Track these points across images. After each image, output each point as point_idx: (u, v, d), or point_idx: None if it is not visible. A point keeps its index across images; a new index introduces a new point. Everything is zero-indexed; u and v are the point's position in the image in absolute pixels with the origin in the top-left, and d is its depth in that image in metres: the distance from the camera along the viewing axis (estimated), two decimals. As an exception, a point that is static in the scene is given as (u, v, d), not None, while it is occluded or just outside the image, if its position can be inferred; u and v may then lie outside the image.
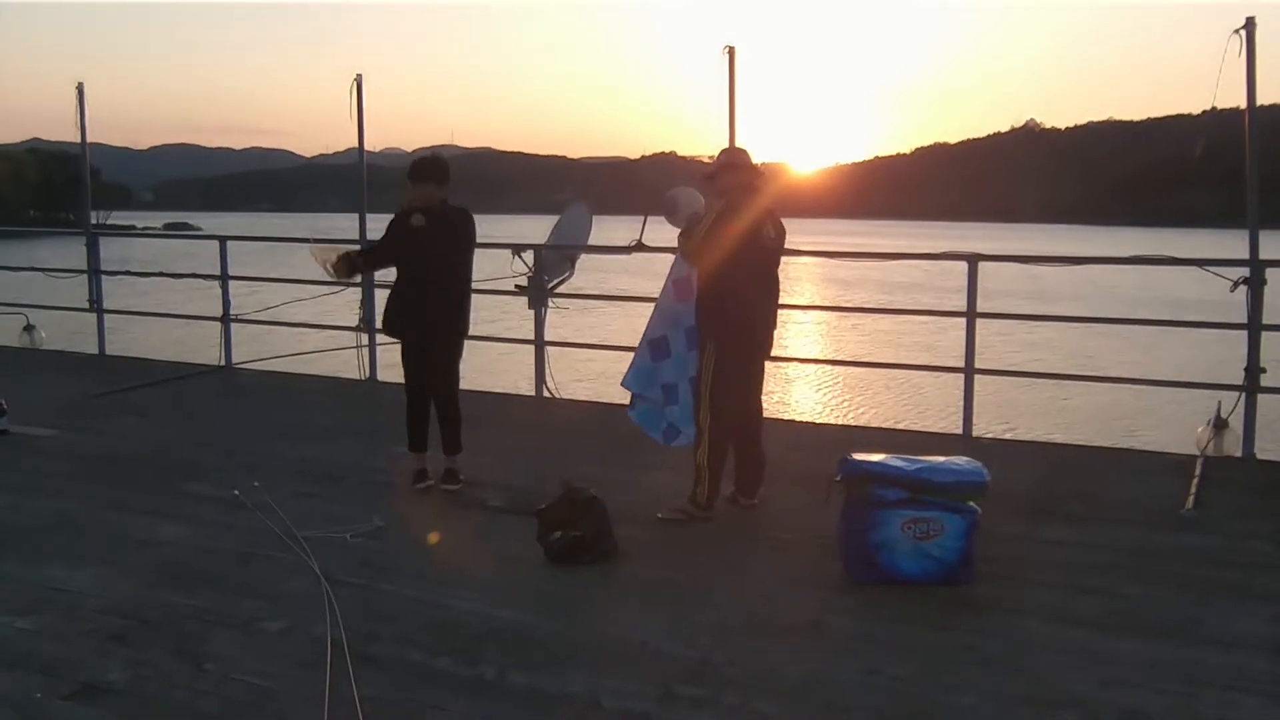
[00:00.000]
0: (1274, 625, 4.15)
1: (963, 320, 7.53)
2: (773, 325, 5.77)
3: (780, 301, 5.84)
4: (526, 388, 9.31)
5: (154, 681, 3.68)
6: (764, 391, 5.91)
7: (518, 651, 3.92)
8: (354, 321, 9.74)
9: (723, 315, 5.50)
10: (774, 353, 6.04)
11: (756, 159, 5.77)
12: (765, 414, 5.93)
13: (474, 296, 6.26)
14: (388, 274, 6.36)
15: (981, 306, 7.49)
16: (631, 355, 6.01)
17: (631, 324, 6.17)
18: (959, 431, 7.57)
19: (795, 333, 23.90)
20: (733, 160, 5.68)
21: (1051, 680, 3.68)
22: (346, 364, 9.81)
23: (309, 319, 10.57)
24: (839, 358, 21.08)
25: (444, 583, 4.61)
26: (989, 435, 8.03)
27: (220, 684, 3.66)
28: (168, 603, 4.39)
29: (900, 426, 12.84)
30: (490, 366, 15.18)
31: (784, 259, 5.78)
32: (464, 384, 6.35)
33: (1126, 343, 20.62)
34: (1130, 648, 3.94)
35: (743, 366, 5.60)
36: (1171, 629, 4.11)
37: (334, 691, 3.55)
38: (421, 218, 5.89)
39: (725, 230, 5.44)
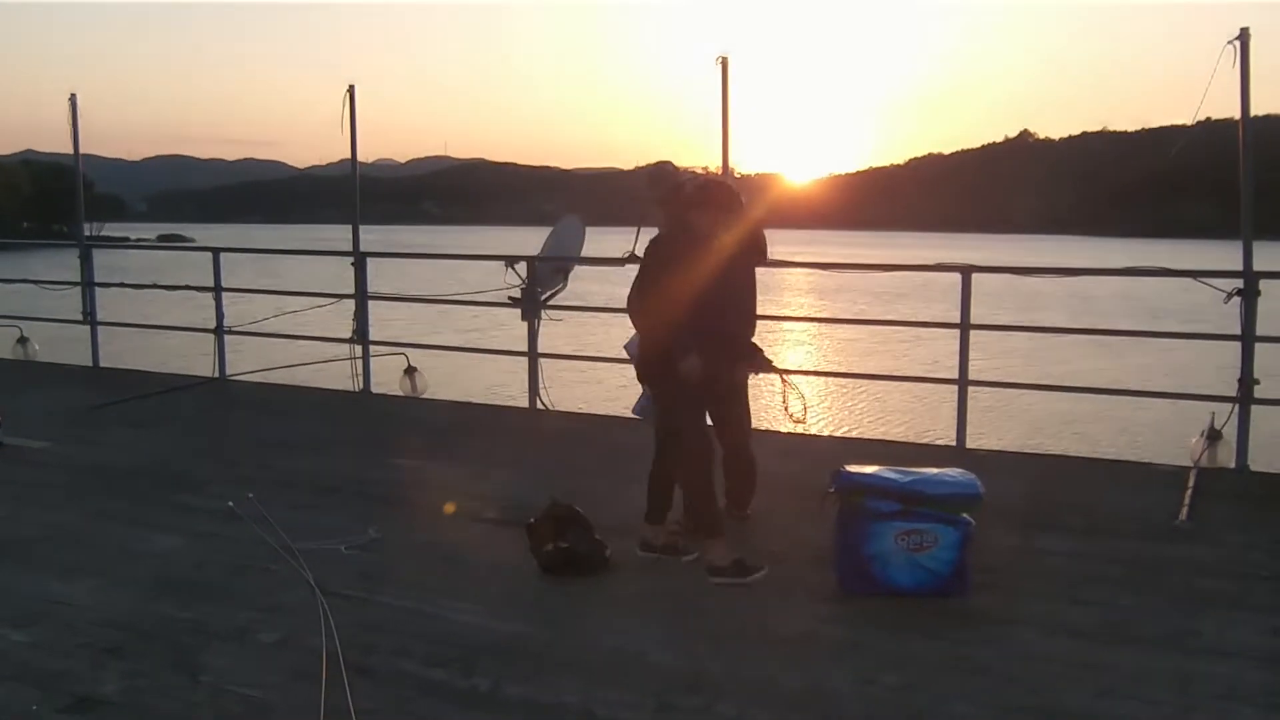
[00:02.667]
0: (1269, 636, 4.15)
1: (951, 331, 7.56)
2: (744, 336, 5.58)
3: (778, 314, 5.79)
4: (520, 399, 9.31)
5: (149, 694, 3.68)
6: (749, 403, 5.87)
7: (513, 663, 3.92)
8: (348, 333, 9.74)
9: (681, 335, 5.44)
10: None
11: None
12: (758, 425, 5.92)
13: (466, 309, 6.21)
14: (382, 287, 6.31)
15: (970, 316, 7.50)
16: (625, 366, 6.00)
17: (625, 336, 6.17)
18: (953, 443, 7.58)
19: (787, 344, 23.94)
20: (659, 177, 5.47)
21: (1046, 691, 3.69)
22: (341, 376, 9.81)
23: (303, 331, 10.58)
24: (831, 369, 21.10)
25: (439, 594, 4.61)
26: (983, 447, 8.04)
27: (215, 696, 3.66)
28: (163, 615, 4.38)
29: (893, 438, 12.86)
30: (484, 378, 15.19)
31: (782, 270, 5.71)
32: (457, 395, 6.33)
33: (1119, 354, 20.66)
34: (1124, 658, 3.95)
35: (710, 384, 5.55)
36: (1166, 640, 4.12)
37: (329, 703, 3.55)
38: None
39: (660, 258, 5.25)
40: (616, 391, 16.65)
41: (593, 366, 14.31)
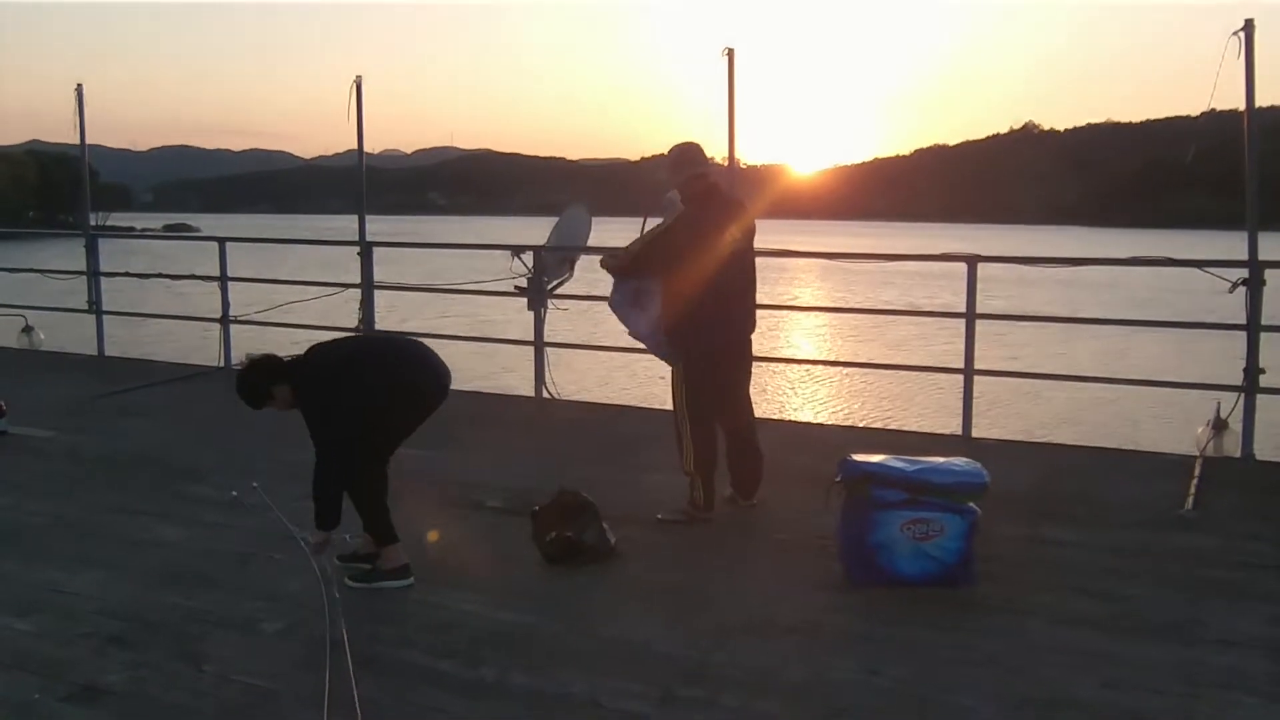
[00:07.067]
0: (1273, 626, 4.14)
1: (956, 320, 7.54)
2: (746, 327, 5.68)
3: (784, 303, 5.80)
4: (526, 389, 9.30)
5: (153, 683, 3.68)
6: (752, 392, 5.87)
7: (518, 653, 3.92)
8: (354, 322, 9.73)
9: (687, 325, 5.47)
10: (775, 354, 6.01)
11: (705, 153, 5.61)
12: (765, 415, 5.91)
13: (472, 299, 6.19)
14: (388, 277, 6.31)
15: (976, 306, 7.47)
16: (631, 355, 6.01)
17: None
18: (959, 432, 7.57)
19: (794, 334, 23.92)
20: (683, 163, 5.51)
21: (1051, 681, 3.68)
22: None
23: (309, 320, 10.57)
24: (838, 358, 21.08)
25: (444, 584, 4.61)
26: (989, 436, 8.01)
27: (219, 685, 3.66)
28: (167, 604, 4.39)
29: (900, 427, 12.83)
30: (489, 368, 15.17)
31: (787, 260, 5.75)
32: (462, 385, 6.27)
33: (1123, 343, 20.61)
34: (1130, 648, 3.94)
35: (713, 373, 5.58)
36: (1171, 630, 4.11)
37: (334, 693, 3.54)
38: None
39: (675, 241, 5.42)
40: (623, 380, 16.66)
41: (599, 355, 14.29)
